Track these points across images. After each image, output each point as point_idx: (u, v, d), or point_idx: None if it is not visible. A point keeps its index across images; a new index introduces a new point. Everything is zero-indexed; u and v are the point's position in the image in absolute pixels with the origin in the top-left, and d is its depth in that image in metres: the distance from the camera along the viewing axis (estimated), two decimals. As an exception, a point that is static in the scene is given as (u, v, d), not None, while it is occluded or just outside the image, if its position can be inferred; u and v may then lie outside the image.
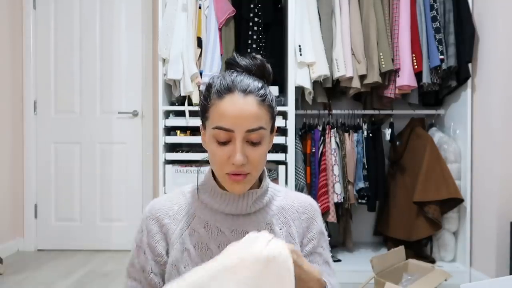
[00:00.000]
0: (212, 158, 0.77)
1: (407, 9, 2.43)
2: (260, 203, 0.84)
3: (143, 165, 3.06)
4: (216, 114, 0.74)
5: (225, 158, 0.74)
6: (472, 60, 2.43)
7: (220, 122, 0.73)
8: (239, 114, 0.72)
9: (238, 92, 0.74)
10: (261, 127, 0.74)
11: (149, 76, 3.06)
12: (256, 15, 2.47)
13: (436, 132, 2.66)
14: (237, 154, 0.72)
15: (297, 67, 2.40)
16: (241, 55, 0.80)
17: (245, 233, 0.81)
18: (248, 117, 0.73)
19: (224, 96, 0.74)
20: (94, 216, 3.05)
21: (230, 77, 0.76)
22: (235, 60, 0.79)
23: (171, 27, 2.42)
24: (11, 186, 2.96)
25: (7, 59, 2.92)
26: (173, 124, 2.45)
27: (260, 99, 0.75)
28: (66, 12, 3.06)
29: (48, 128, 3.07)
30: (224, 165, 0.75)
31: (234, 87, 0.74)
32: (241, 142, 0.73)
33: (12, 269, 2.61)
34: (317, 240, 0.86)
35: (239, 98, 0.73)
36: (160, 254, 0.81)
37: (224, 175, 0.76)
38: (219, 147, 0.75)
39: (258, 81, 0.77)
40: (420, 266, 2.14)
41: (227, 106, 0.73)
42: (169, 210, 0.84)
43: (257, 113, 0.74)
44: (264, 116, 0.75)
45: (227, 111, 0.73)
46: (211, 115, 0.76)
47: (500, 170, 2.23)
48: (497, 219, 2.22)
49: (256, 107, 0.74)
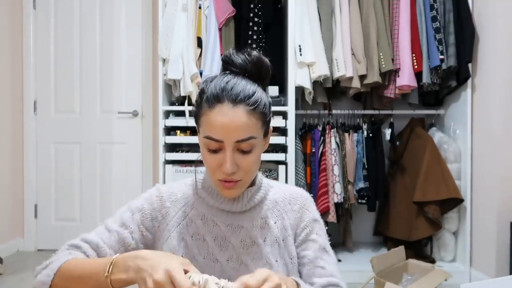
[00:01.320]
0: (205, 163, 0.78)
1: (407, 9, 2.43)
2: (255, 200, 0.85)
3: (143, 165, 3.06)
4: (206, 124, 0.74)
5: (216, 165, 0.75)
6: (472, 60, 2.43)
7: (210, 132, 0.73)
8: (228, 126, 0.72)
9: (228, 102, 0.72)
10: (251, 137, 0.74)
11: (149, 76, 3.06)
12: (256, 15, 2.47)
13: (436, 132, 2.66)
14: (227, 164, 0.73)
15: (297, 67, 2.40)
16: (238, 51, 0.79)
17: (241, 228, 0.82)
18: (238, 128, 0.72)
19: (214, 106, 0.73)
20: (94, 216, 3.05)
21: (221, 84, 0.74)
22: (230, 58, 0.78)
23: (171, 27, 2.42)
24: (11, 186, 2.96)
25: (7, 59, 2.92)
26: (173, 124, 2.45)
27: (250, 108, 0.73)
28: (66, 12, 3.06)
29: (48, 128, 3.07)
30: (215, 172, 0.76)
31: (224, 97, 0.73)
32: (231, 152, 0.73)
33: (12, 269, 2.61)
34: (311, 227, 0.86)
35: (228, 110, 0.72)
36: (147, 228, 0.83)
37: (216, 181, 0.78)
38: (210, 154, 0.76)
39: (251, 84, 0.76)
40: (420, 266, 2.14)
41: (217, 117, 0.72)
42: (173, 196, 0.86)
43: (246, 123, 0.73)
44: (254, 125, 0.74)
45: (216, 122, 0.72)
46: (202, 124, 0.76)
47: (500, 170, 2.23)
48: (497, 219, 2.22)
49: (246, 118, 0.73)
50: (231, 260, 0.81)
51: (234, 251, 0.81)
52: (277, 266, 0.81)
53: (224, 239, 0.82)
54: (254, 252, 0.81)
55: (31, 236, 3.04)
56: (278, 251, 0.83)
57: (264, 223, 0.84)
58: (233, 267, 0.80)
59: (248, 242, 0.82)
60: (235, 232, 0.82)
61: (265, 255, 0.81)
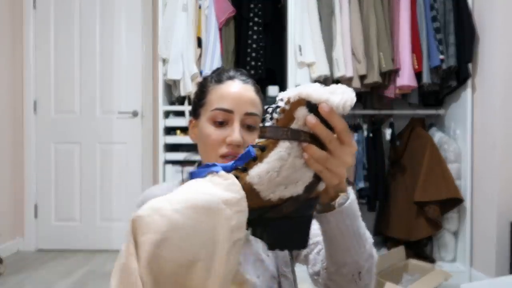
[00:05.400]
0: (206, 140, 0.77)
1: (407, 9, 2.43)
2: None
3: (143, 165, 3.06)
4: (216, 97, 0.78)
5: (220, 139, 0.75)
6: (472, 60, 2.43)
7: (220, 104, 0.76)
8: (239, 97, 0.77)
9: (238, 80, 0.79)
10: (257, 114, 0.78)
11: (149, 76, 3.06)
12: (256, 15, 2.47)
13: (436, 132, 2.66)
14: (235, 133, 0.74)
15: (297, 67, 2.40)
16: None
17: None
18: (248, 100, 0.77)
19: (224, 81, 0.79)
20: (94, 216, 3.05)
21: (228, 70, 0.82)
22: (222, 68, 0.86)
23: (171, 27, 2.42)
24: (11, 186, 2.96)
25: (7, 59, 2.92)
26: (173, 124, 2.46)
27: (255, 89, 0.81)
28: (66, 12, 3.06)
29: (48, 128, 3.07)
30: (218, 147, 0.75)
31: (234, 76, 0.80)
32: (238, 124, 0.75)
33: (12, 269, 2.61)
34: None
35: (239, 84, 0.79)
36: None
37: (217, 158, 0.76)
38: (215, 129, 0.76)
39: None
40: (420, 266, 2.14)
41: (228, 88, 0.78)
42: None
43: (255, 99, 0.79)
44: (259, 106, 0.80)
45: (228, 93, 0.77)
46: (210, 99, 0.78)
47: (500, 170, 2.23)
48: (497, 219, 2.22)
49: (254, 94, 0.79)
50: None
51: None
52: (268, 261, 0.80)
53: None
54: (244, 249, 0.79)
55: (31, 236, 3.04)
56: None
57: None
58: None
59: None
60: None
61: (255, 250, 0.80)
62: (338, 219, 0.60)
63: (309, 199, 0.52)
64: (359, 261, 0.64)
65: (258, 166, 0.49)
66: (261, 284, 0.77)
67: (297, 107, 0.49)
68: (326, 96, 0.48)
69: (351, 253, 0.63)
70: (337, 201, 0.60)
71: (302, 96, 0.49)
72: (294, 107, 0.49)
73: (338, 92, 0.49)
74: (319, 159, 0.49)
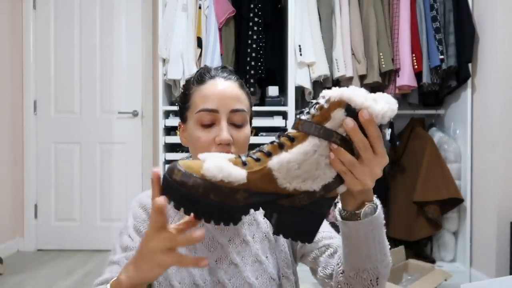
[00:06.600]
0: (196, 144, 0.76)
1: (407, 9, 2.43)
2: None
3: (143, 165, 3.06)
4: (199, 98, 0.76)
5: (210, 140, 0.74)
6: (472, 60, 2.43)
7: (204, 105, 0.75)
8: (222, 95, 0.75)
9: (219, 78, 0.78)
10: (243, 110, 0.77)
11: (149, 76, 3.06)
12: (256, 15, 2.47)
13: (436, 132, 2.66)
14: (223, 132, 0.73)
15: (297, 67, 2.40)
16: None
17: (228, 226, 0.79)
18: (231, 97, 0.76)
19: (206, 81, 0.77)
20: (94, 216, 3.05)
21: (209, 68, 0.81)
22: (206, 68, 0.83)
23: (171, 27, 2.42)
24: (11, 186, 2.96)
25: (7, 59, 2.92)
26: (173, 124, 2.45)
27: (239, 83, 0.79)
28: (66, 12, 3.06)
29: (48, 128, 3.07)
30: (209, 148, 0.74)
31: (215, 75, 0.78)
32: (225, 121, 0.74)
33: (12, 269, 2.61)
34: None
35: (220, 82, 0.77)
36: None
37: None
38: (203, 131, 0.75)
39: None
40: (420, 266, 2.14)
41: (210, 88, 0.76)
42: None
43: (238, 94, 0.77)
44: (245, 101, 0.78)
45: (210, 92, 0.76)
46: (194, 102, 0.77)
47: (500, 170, 2.23)
48: (497, 219, 2.22)
49: (238, 90, 0.78)
50: (220, 261, 0.78)
51: (223, 250, 0.79)
52: (267, 262, 0.80)
53: (212, 240, 0.80)
54: (243, 250, 0.80)
55: (31, 236, 3.04)
56: (269, 246, 0.81)
57: (252, 220, 0.83)
58: (223, 268, 0.78)
59: (236, 241, 0.80)
60: (223, 231, 0.81)
61: (255, 252, 0.80)
62: (367, 229, 0.61)
63: (325, 197, 0.54)
64: (379, 268, 0.65)
65: (282, 154, 0.51)
66: (259, 285, 0.77)
67: (336, 107, 0.50)
68: (369, 103, 0.49)
69: (372, 259, 0.64)
70: (363, 210, 0.61)
71: (343, 98, 0.50)
72: (333, 107, 0.50)
73: (380, 101, 0.50)
74: (346, 163, 0.50)
